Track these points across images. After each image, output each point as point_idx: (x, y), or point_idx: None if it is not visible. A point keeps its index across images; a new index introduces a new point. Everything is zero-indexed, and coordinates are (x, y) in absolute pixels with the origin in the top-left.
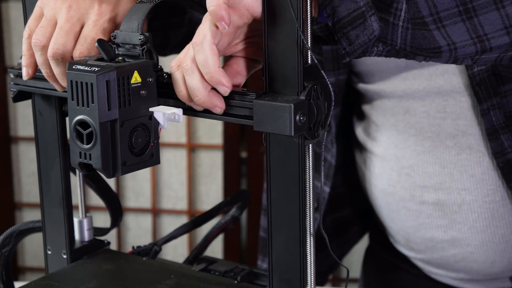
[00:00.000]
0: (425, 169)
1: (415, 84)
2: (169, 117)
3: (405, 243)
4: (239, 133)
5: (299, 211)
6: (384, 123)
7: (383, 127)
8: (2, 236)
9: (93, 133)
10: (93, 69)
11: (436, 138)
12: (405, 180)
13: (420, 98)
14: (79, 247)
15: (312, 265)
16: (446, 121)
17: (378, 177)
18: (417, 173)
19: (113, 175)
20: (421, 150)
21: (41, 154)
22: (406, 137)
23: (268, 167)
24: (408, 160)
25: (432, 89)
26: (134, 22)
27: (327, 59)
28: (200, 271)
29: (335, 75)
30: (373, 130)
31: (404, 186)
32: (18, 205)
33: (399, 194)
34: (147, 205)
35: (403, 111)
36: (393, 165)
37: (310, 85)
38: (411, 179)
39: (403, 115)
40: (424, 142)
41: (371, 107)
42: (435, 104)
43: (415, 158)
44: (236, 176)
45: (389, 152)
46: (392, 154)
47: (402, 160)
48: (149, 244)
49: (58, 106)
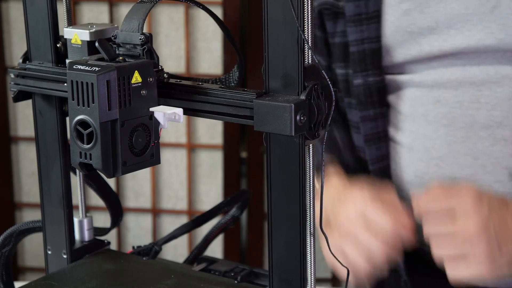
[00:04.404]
0: (456, 160)
1: (447, 73)
2: (169, 117)
3: None
4: (239, 133)
5: (299, 211)
6: (413, 113)
7: (411, 117)
8: (2, 236)
9: (94, 133)
10: (94, 69)
11: (469, 128)
12: (434, 171)
13: (452, 88)
14: (79, 247)
15: (312, 265)
16: (480, 111)
17: (405, 168)
18: (447, 164)
19: (113, 175)
20: (453, 140)
21: (41, 154)
22: (437, 127)
23: (268, 167)
24: (438, 151)
25: (466, 79)
26: (134, 22)
27: (354, 60)
28: (200, 271)
29: (363, 77)
30: (399, 120)
31: (432, 177)
32: (18, 205)
33: (426, 185)
34: (147, 205)
35: (434, 100)
36: (421, 156)
37: (311, 85)
38: (441, 170)
39: (434, 104)
40: (456, 133)
41: (397, 96)
42: (468, 94)
43: (445, 148)
44: (236, 176)
45: (418, 143)
46: (420, 145)
47: (432, 151)
48: (149, 244)
49: (59, 106)
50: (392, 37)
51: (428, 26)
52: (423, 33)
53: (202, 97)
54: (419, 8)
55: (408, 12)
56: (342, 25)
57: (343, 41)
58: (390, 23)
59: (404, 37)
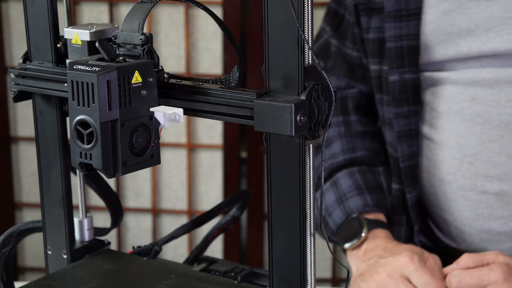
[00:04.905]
0: (490, 158)
1: (483, 72)
2: (169, 117)
3: (458, 234)
4: (239, 133)
5: (299, 211)
6: (447, 110)
7: (445, 114)
8: (2, 236)
9: (94, 133)
10: (94, 69)
11: (504, 127)
12: (467, 169)
13: (489, 86)
14: (80, 247)
15: (312, 265)
16: None
17: (437, 165)
18: (480, 162)
19: (113, 175)
20: (487, 139)
21: (42, 154)
22: (471, 125)
23: (269, 167)
24: (472, 149)
25: (503, 77)
26: (135, 22)
27: (391, 57)
28: (200, 271)
29: (399, 73)
30: (432, 117)
31: (465, 175)
32: (18, 205)
33: (458, 183)
34: (147, 205)
35: (469, 98)
36: (454, 153)
37: (311, 85)
38: (474, 168)
39: (469, 102)
40: (491, 131)
41: (431, 94)
42: (505, 93)
43: (480, 146)
44: (236, 176)
45: (451, 140)
46: (454, 142)
47: (465, 148)
48: (149, 244)
49: (59, 106)
50: (431, 36)
51: (467, 28)
52: (461, 34)
53: (202, 97)
54: (459, 9)
55: (447, 12)
56: (377, 20)
57: (377, 36)
58: (429, 22)
59: (443, 37)
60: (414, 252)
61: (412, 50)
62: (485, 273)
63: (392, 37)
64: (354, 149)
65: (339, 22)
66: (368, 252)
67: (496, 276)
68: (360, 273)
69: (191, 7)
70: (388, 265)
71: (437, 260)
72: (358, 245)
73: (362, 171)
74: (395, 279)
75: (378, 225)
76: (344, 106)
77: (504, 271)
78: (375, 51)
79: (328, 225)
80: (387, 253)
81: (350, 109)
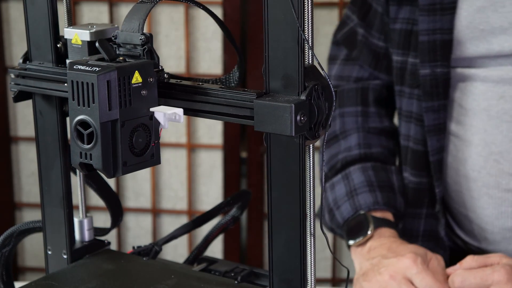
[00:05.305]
0: None
1: None
2: (170, 117)
3: (479, 232)
4: (239, 133)
5: (299, 211)
6: (474, 107)
7: (473, 111)
8: (2, 236)
9: (94, 133)
10: (94, 69)
11: None
12: (492, 166)
13: None
14: (80, 247)
15: (312, 265)
16: None
17: (462, 161)
18: (506, 160)
19: (113, 175)
20: None
21: (42, 154)
22: (499, 122)
23: (268, 167)
24: (498, 146)
25: None
26: (135, 22)
27: (423, 50)
28: (201, 271)
29: (431, 67)
30: (459, 114)
31: (490, 172)
32: (18, 205)
33: (483, 180)
34: (147, 205)
35: (498, 96)
36: (480, 151)
37: (311, 85)
38: (499, 166)
39: (497, 100)
40: None
41: (459, 90)
42: None
43: (506, 144)
44: (236, 176)
45: (477, 137)
46: (480, 139)
47: (491, 146)
48: (150, 244)
49: (59, 106)
50: (463, 31)
51: (500, 26)
52: (494, 32)
53: (202, 97)
54: (493, 7)
55: (482, 9)
56: (406, 11)
57: (404, 28)
58: (463, 18)
59: (475, 33)
60: (417, 254)
61: (445, 44)
62: (489, 273)
63: (425, 30)
64: (369, 145)
65: (367, 11)
66: (372, 250)
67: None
68: (363, 272)
69: (191, 7)
70: (391, 266)
71: (440, 260)
72: (363, 243)
73: (376, 167)
74: (397, 280)
75: (385, 223)
76: (365, 96)
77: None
78: (400, 42)
79: (335, 218)
80: (391, 253)
81: (370, 101)
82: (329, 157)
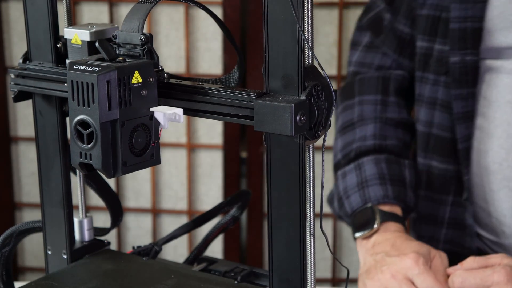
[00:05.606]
0: None
1: None
2: (169, 117)
3: (496, 225)
4: (239, 133)
5: (299, 211)
6: (498, 99)
7: (496, 103)
8: (2, 236)
9: (94, 133)
10: (94, 69)
11: None
12: None
13: None
14: (79, 247)
15: (312, 265)
16: None
17: (483, 153)
18: None
19: (113, 175)
20: None
21: (42, 154)
22: None
23: (268, 167)
24: None
25: None
26: (135, 22)
27: (453, 38)
28: (200, 271)
29: (461, 55)
30: (483, 105)
31: (511, 165)
32: (18, 205)
33: (504, 172)
34: (147, 205)
35: None
36: (502, 143)
37: (311, 85)
38: None
39: None
40: None
41: (484, 82)
42: None
43: None
44: (236, 176)
45: (500, 129)
46: (503, 131)
47: None
48: (149, 244)
49: (59, 106)
50: (493, 21)
51: None
52: None
53: (202, 97)
54: None
55: None
56: None
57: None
58: (494, 7)
59: (505, 23)
60: (419, 254)
61: (476, 32)
62: (489, 273)
63: (456, 18)
64: (385, 136)
65: None
66: (376, 245)
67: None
68: (367, 268)
69: (191, 7)
70: (393, 266)
71: (443, 258)
72: (368, 236)
73: (389, 160)
74: (398, 280)
75: (392, 218)
76: (386, 86)
77: (507, 272)
78: (427, 28)
79: (344, 206)
80: (394, 251)
81: (391, 90)
82: (344, 145)
